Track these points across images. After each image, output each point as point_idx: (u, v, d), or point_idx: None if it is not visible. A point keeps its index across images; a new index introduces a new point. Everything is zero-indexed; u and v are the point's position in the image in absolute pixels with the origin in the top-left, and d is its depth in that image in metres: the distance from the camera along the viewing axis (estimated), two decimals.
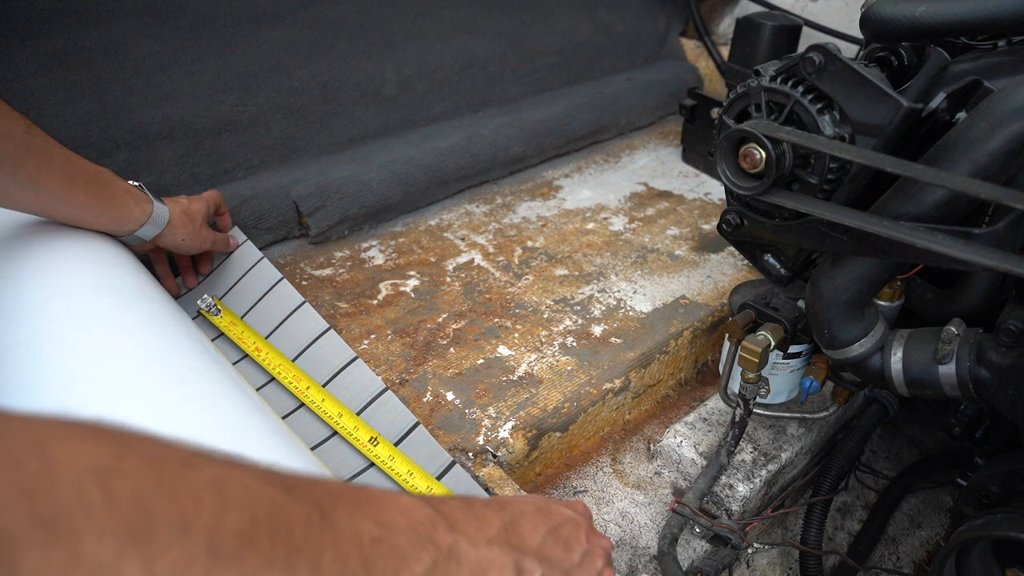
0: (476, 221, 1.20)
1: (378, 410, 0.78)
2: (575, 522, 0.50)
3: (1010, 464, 0.73)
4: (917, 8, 0.65)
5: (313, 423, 0.78)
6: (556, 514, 0.49)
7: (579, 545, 0.48)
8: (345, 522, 0.34)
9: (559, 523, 0.48)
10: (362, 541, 0.34)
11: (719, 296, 1.05)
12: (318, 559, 0.31)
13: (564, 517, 0.49)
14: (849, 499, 1.01)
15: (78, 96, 1.01)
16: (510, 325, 0.97)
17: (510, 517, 0.45)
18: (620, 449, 0.91)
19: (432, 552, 0.38)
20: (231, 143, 1.11)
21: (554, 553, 0.46)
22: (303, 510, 0.31)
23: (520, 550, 0.43)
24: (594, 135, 1.48)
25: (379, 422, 0.77)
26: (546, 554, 0.45)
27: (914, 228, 0.59)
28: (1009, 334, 0.64)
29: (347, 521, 0.34)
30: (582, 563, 0.48)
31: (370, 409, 0.78)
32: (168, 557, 0.25)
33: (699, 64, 1.73)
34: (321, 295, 1.00)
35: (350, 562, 0.33)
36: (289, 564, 0.29)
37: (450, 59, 1.38)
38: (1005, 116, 0.56)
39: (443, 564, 0.38)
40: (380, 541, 0.35)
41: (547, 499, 0.52)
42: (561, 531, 0.48)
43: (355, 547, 0.33)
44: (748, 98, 0.69)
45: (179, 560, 0.25)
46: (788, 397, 0.89)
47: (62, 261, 0.68)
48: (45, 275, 0.66)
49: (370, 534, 0.35)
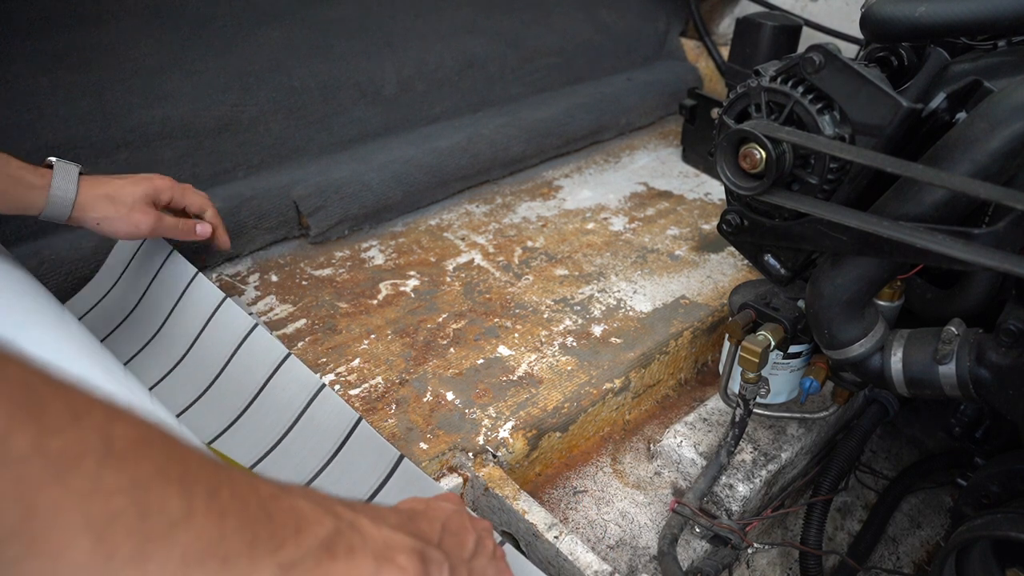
0: (476, 221, 1.20)
1: (318, 409, 0.73)
2: (458, 512, 0.50)
3: (1010, 464, 0.72)
4: (917, 8, 0.65)
5: None
6: (440, 509, 0.49)
7: (469, 534, 0.49)
8: (240, 473, 0.32)
9: (447, 517, 0.48)
10: (260, 492, 0.32)
11: (719, 296, 1.05)
12: (215, 491, 0.29)
13: (448, 511, 0.49)
14: (849, 499, 1.01)
15: (78, 96, 1.01)
16: (510, 325, 0.97)
17: (407, 515, 0.45)
18: (620, 449, 0.91)
19: (334, 520, 0.36)
20: (231, 143, 1.11)
21: (452, 545, 0.46)
22: (196, 450, 0.30)
23: (423, 540, 0.43)
24: (594, 135, 1.48)
25: (319, 423, 0.73)
26: (446, 547, 0.45)
27: (914, 228, 0.59)
28: (1009, 334, 0.64)
29: (243, 473, 0.32)
30: (477, 549, 0.49)
31: (310, 410, 0.74)
32: (61, 438, 0.24)
33: (699, 64, 1.73)
34: (321, 295, 1.00)
35: (249, 505, 0.31)
36: (186, 484, 0.28)
37: (450, 59, 1.38)
38: (1005, 116, 0.56)
39: (347, 533, 0.36)
40: (279, 498, 0.33)
41: (423, 498, 0.52)
42: (450, 524, 0.48)
43: (254, 494, 0.32)
44: (748, 98, 0.69)
45: (73, 443, 0.25)
46: (788, 397, 0.89)
47: None
48: None
49: (268, 490, 0.33)
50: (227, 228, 0.96)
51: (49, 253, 0.91)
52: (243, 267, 1.05)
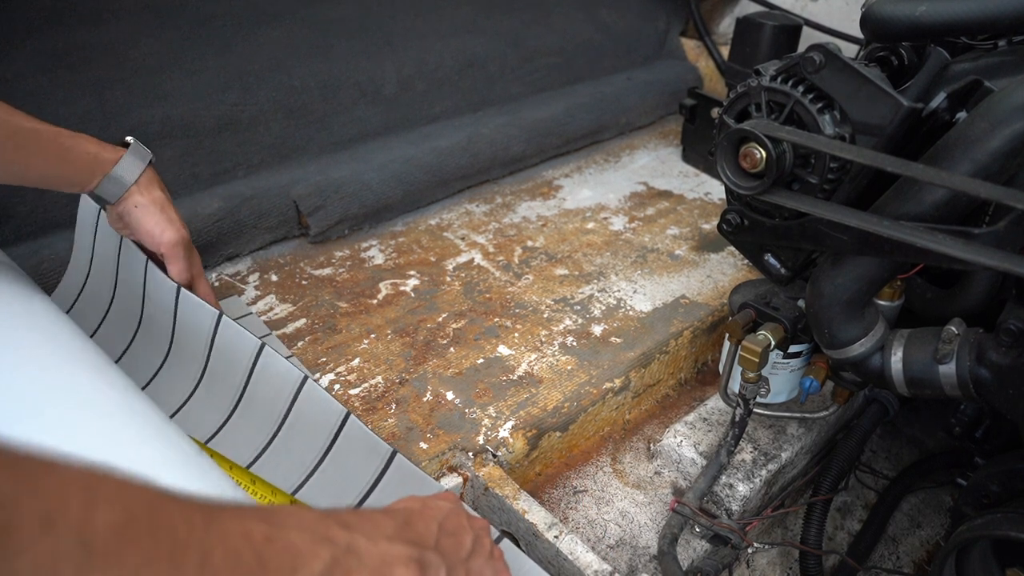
0: (476, 221, 1.20)
1: (305, 405, 0.70)
2: (456, 511, 0.50)
3: (1010, 464, 0.72)
4: (917, 8, 0.65)
5: None
6: (437, 508, 0.48)
7: (466, 533, 0.48)
8: (232, 521, 0.31)
9: (443, 516, 0.48)
10: (253, 538, 0.31)
11: (719, 296, 1.05)
12: (207, 556, 0.28)
13: (445, 510, 0.49)
14: (849, 499, 1.01)
15: (78, 96, 1.01)
16: (510, 325, 0.97)
17: (403, 518, 0.44)
18: (620, 449, 0.91)
19: (330, 548, 0.36)
20: (231, 142, 1.11)
21: (449, 546, 0.46)
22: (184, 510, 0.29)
23: (420, 545, 0.42)
24: (594, 135, 1.47)
25: (307, 422, 0.70)
26: (443, 548, 0.45)
27: (914, 228, 0.59)
28: (1009, 334, 0.64)
29: (234, 520, 0.31)
30: (474, 548, 0.48)
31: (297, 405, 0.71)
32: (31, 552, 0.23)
33: (699, 64, 1.73)
34: (321, 295, 1.00)
35: (243, 559, 0.30)
36: (175, 562, 0.27)
37: (450, 59, 1.38)
38: (1005, 116, 0.56)
39: (343, 559, 0.36)
40: (272, 539, 0.32)
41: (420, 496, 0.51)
42: (447, 524, 0.47)
43: (247, 544, 0.31)
44: (748, 98, 0.69)
45: (44, 555, 0.23)
46: (788, 397, 0.89)
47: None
48: None
49: (261, 532, 0.32)
50: (227, 228, 0.95)
51: (49, 253, 0.91)
52: (243, 266, 1.05)
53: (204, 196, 1.04)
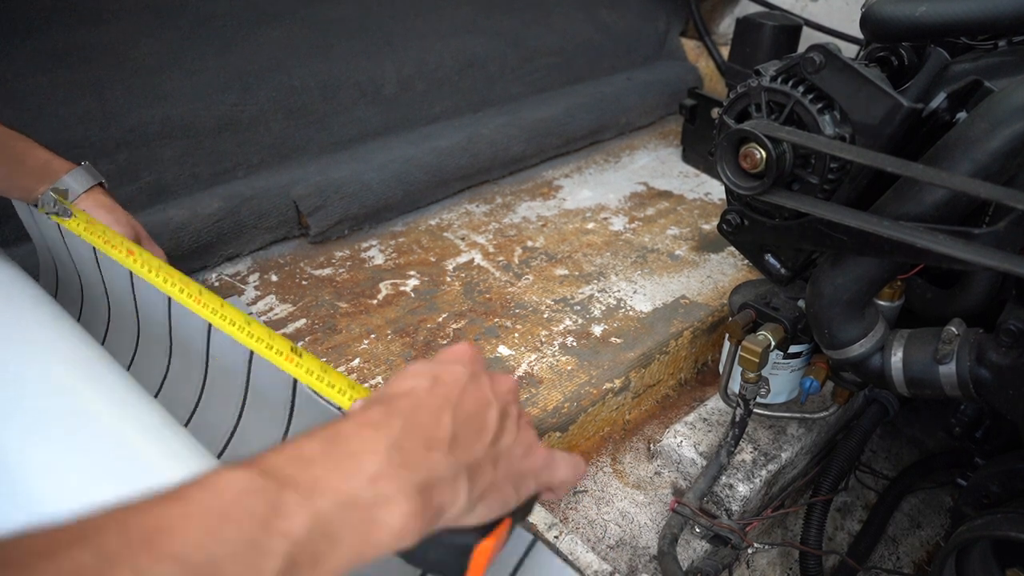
0: (476, 221, 1.20)
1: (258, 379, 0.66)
2: (475, 380, 0.38)
3: (1010, 464, 0.72)
4: (917, 8, 0.65)
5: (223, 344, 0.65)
6: (450, 383, 0.37)
7: (490, 408, 0.38)
8: None
9: (459, 396, 0.37)
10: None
11: (719, 296, 1.05)
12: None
13: (458, 383, 0.38)
14: (849, 499, 1.01)
15: (78, 96, 1.01)
16: (510, 325, 0.97)
17: (400, 424, 0.34)
18: (620, 449, 0.91)
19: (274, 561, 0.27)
20: (231, 142, 1.11)
21: (467, 437, 0.36)
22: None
23: (423, 468, 0.33)
24: (594, 135, 1.48)
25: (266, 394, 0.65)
26: (461, 442, 0.35)
27: (914, 228, 0.59)
28: (1009, 334, 0.64)
29: None
30: (502, 425, 0.38)
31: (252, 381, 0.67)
32: None
33: (699, 64, 1.73)
34: (321, 295, 1.00)
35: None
36: None
37: (450, 59, 1.38)
38: (1005, 116, 0.56)
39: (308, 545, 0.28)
40: None
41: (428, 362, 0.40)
42: (466, 403, 0.37)
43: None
44: (748, 98, 0.69)
45: None
46: (788, 397, 0.89)
47: None
48: None
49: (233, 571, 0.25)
50: (227, 228, 0.95)
51: None
52: (243, 267, 1.05)
53: (204, 196, 1.04)
